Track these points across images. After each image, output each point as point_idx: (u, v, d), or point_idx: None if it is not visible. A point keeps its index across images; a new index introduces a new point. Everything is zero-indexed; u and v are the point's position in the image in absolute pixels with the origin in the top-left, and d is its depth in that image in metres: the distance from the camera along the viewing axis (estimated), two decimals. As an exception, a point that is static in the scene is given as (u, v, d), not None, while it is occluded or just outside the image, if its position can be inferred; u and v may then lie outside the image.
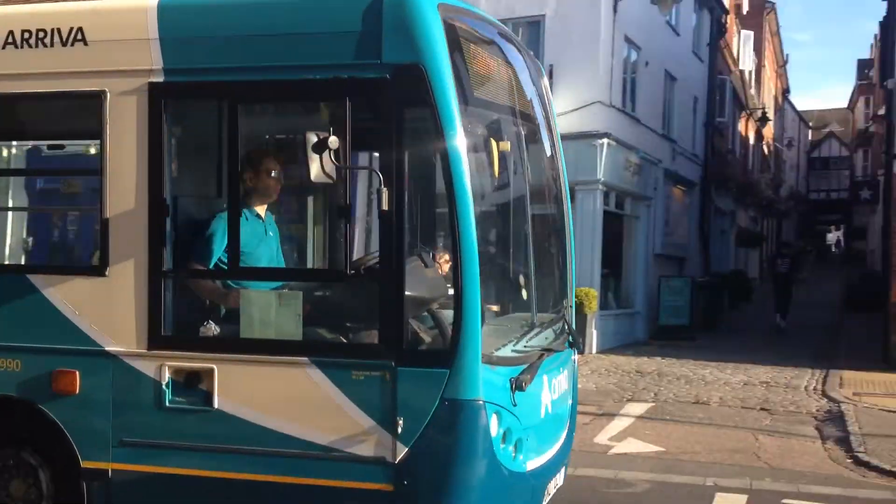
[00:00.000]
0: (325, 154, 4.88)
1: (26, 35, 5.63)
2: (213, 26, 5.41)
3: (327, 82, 5.16)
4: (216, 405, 5.30)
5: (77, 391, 5.52)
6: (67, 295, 5.57)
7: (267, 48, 5.25)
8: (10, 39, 5.66)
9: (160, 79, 5.38)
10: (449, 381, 4.96)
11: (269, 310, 5.30)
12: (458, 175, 4.94)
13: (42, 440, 5.68)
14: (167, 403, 5.39)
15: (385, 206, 4.97)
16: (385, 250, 5.08)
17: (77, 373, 5.52)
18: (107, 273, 5.49)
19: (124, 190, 5.45)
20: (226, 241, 5.51)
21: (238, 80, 5.31)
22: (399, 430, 5.02)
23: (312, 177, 4.91)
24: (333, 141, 4.87)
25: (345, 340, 5.37)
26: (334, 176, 4.96)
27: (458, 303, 4.95)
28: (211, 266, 5.63)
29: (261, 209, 5.94)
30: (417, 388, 5.02)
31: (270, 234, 5.97)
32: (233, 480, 5.32)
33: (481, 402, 4.99)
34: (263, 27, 5.29)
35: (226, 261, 5.56)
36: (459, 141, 4.95)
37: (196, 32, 5.42)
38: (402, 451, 5.03)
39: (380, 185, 4.95)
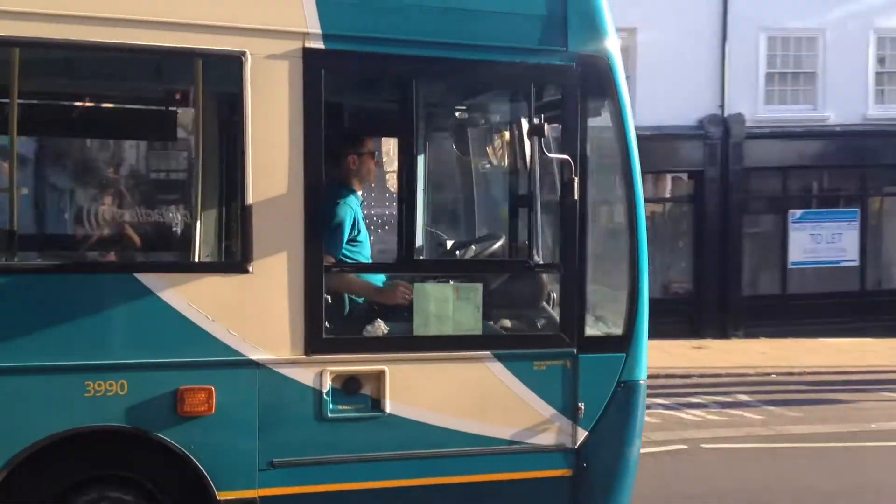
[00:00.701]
0: (536, 140, 4.81)
1: None
2: None
3: (515, 66, 4.99)
4: (387, 410, 4.85)
5: (213, 411, 4.59)
6: (196, 297, 4.56)
7: (447, 22, 4.89)
8: (110, -30, 4.41)
9: (319, 44, 4.67)
10: (626, 364, 5.22)
11: (447, 304, 4.98)
12: (634, 169, 5.20)
13: (147, 474, 4.62)
14: (329, 414, 4.76)
15: (575, 196, 5.03)
16: (569, 240, 5.12)
17: (212, 389, 4.58)
18: (250, 269, 4.63)
19: (273, 172, 4.64)
20: (348, 230, 5.04)
21: (415, 54, 4.84)
22: (580, 415, 5.15)
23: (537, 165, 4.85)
24: (546, 128, 4.82)
25: (524, 332, 5.26)
26: (537, 163, 4.90)
27: (632, 291, 5.22)
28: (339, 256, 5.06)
29: (359, 193, 5.45)
30: (597, 374, 5.18)
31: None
32: (405, 488, 4.93)
33: (644, 382, 5.35)
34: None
35: (351, 251, 5.07)
36: (633, 134, 5.20)
37: None
38: (582, 436, 5.17)
39: (571, 173, 4.99)
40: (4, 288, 4.38)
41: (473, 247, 5.57)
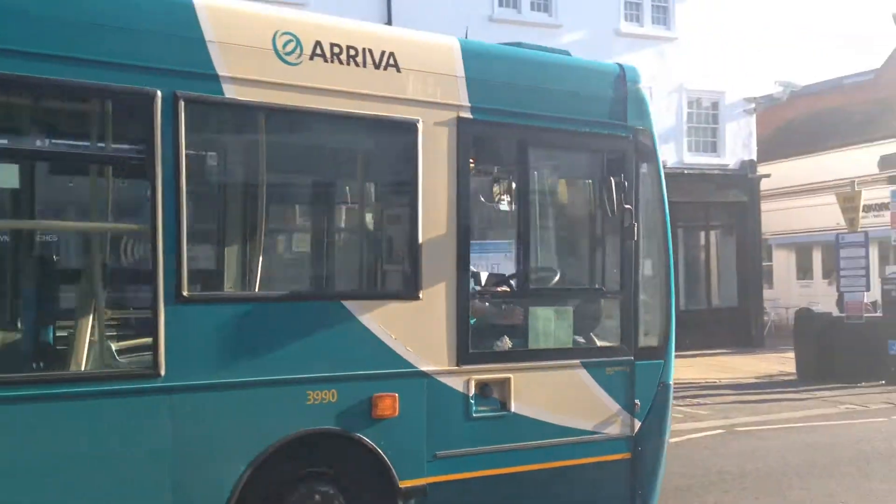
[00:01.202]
0: (619, 193, 6.27)
1: (336, 49, 5.41)
2: (509, 74, 6.09)
3: (596, 135, 6.41)
4: (512, 409, 6.02)
5: (396, 413, 5.55)
6: (384, 319, 5.53)
7: (551, 101, 6.23)
8: (318, 51, 5.35)
9: (468, 115, 5.85)
10: (663, 369, 6.74)
11: (550, 323, 6.25)
12: (667, 214, 6.77)
13: (339, 470, 5.47)
14: (473, 414, 5.87)
15: (635, 237, 6.52)
16: (628, 272, 6.56)
17: (396, 395, 5.55)
18: (420, 296, 5.67)
19: (435, 216, 5.73)
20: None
21: (530, 124, 6.13)
22: (636, 410, 6.58)
23: (608, 212, 6.26)
24: (625, 185, 6.29)
25: (599, 344, 6.58)
26: (624, 211, 6.33)
27: (664, 309, 6.77)
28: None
29: None
30: (646, 377, 6.65)
31: None
32: (523, 473, 6.09)
33: (672, 383, 6.88)
34: (550, 82, 6.26)
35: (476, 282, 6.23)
36: (665, 187, 6.78)
37: (495, 77, 6.01)
38: (637, 426, 6.60)
39: (632, 219, 6.47)
40: (246, 314, 5.14)
41: (556, 278, 6.81)
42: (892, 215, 18.50)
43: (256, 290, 5.40)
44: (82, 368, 4.96)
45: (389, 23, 18.14)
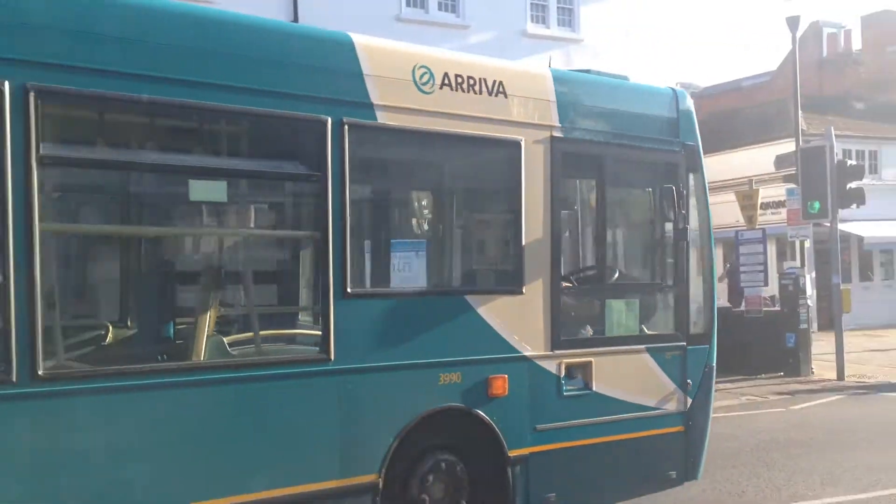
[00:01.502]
0: (675, 200, 7.27)
1: (459, 80, 6.29)
2: (589, 97, 7.06)
3: (657, 151, 7.40)
4: (593, 388, 6.99)
5: (507, 393, 6.46)
6: (495, 311, 6.44)
7: (621, 121, 7.20)
8: (446, 81, 6.22)
9: (559, 134, 6.79)
10: (709, 353, 7.78)
11: (622, 314, 7.24)
12: (710, 220, 7.81)
13: (460, 441, 6.36)
14: (563, 392, 6.82)
15: (687, 240, 7.53)
16: (680, 269, 7.57)
17: (506, 377, 6.47)
18: (524, 291, 6.59)
19: (534, 222, 6.66)
20: None
21: (606, 142, 7.10)
22: (689, 388, 7.60)
23: (665, 217, 7.26)
24: (680, 193, 7.30)
25: (658, 332, 7.57)
26: (679, 216, 7.33)
27: (708, 300, 7.81)
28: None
29: None
30: (695, 360, 7.68)
31: None
32: (602, 443, 7.06)
33: (714, 366, 7.91)
34: (620, 105, 7.25)
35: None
36: (708, 196, 7.82)
37: (578, 100, 6.97)
38: (689, 402, 7.63)
39: (685, 223, 7.48)
40: (394, 308, 6.04)
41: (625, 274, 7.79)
42: (788, 213, 19.26)
43: (402, 287, 6.25)
44: (263, 355, 5.81)
45: (296, 20, 17.88)
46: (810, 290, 18.43)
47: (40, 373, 4.65)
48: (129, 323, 6.58)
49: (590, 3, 23.05)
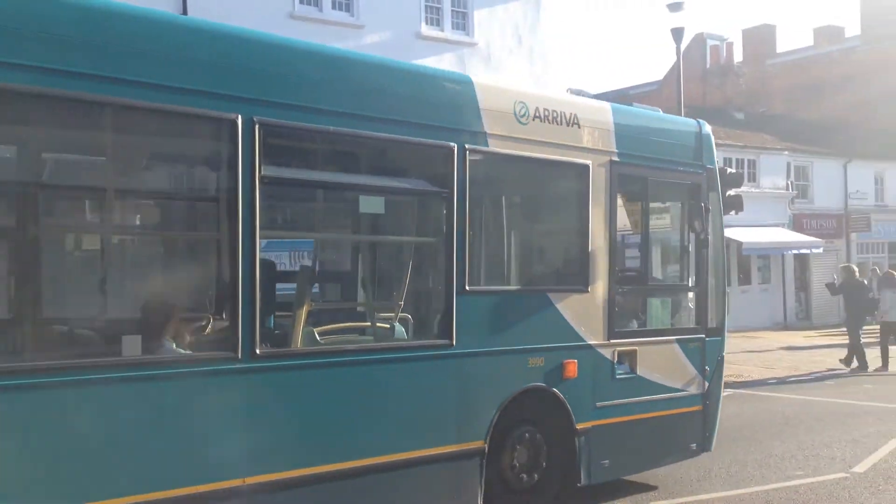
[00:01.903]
0: (700, 214, 8.66)
1: (546, 112, 7.52)
2: (638, 128, 8.37)
3: (686, 173, 8.77)
4: (638, 372, 8.30)
5: (576, 375, 7.72)
6: (568, 306, 7.70)
7: (660, 147, 8.55)
8: (537, 113, 7.45)
9: (616, 158, 8.09)
10: (721, 344, 9.18)
11: (658, 309, 8.58)
12: (723, 231, 9.23)
13: (540, 415, 7.59)
14: (616, 375, 8.12)
15: (709, 248, 8.92)
16: (702, 272, 8.95)
17: (576, 362, 7.73)
18: (588, 290, 7.86)
19: (597, 232, 7.94)
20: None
21: (649, 165, 8.42)
22: (706, 374, 8.99)
23: (692, 228, 8.66)
24: (703, 208, 8.70)
25: (684, 325, 8.93)
26: (703, 228, 8.71)
27: (720, 298, 9.22)
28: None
29: None
30: (712, 350, 9.08)
31: None
32: (645, 419, 8.38)
33: (725, 355, 9.33)
34: (659, 134, 8.60)
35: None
36: (722, 212, 9.24)
37: (630, 130, 8.27)
38: (706, 386, 9.02)
39: (708, 234, 8.87)
40: (498, 302, 7.28)
41: (660, 276, 9.16)
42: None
43: (504, 285, 7.46)
44: (392, 340, 6.95)
45: (185, 13, 17.17)
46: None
47: (257, 352, 5.74)
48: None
49: (483, 8, 23.10)
